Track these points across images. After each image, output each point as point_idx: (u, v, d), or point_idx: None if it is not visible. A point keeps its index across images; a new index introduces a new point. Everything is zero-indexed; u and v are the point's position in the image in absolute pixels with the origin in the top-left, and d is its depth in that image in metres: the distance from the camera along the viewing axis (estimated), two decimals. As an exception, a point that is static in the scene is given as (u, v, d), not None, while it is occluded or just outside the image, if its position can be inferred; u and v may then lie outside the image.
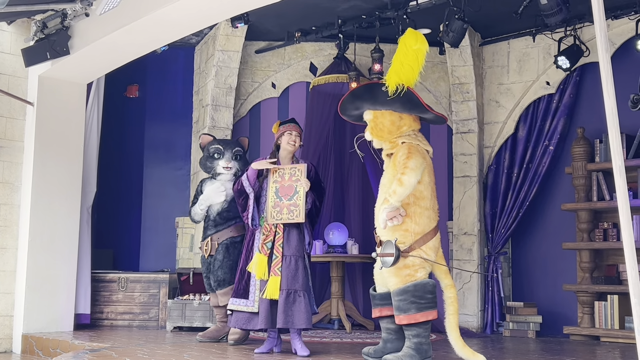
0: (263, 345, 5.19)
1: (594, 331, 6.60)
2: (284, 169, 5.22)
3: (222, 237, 5.83)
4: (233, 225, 5.86)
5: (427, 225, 4.41)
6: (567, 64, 6.81)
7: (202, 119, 7.84)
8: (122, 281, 7.32)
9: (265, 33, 7.79)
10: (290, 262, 5.05)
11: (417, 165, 4.31)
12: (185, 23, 5.78)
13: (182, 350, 5.23)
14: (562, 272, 7.10)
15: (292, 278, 5.01)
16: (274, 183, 5.21)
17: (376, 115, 4.57)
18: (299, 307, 4.95)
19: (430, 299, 4.30)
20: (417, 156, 4.36)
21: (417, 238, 4.36)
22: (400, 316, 4.31)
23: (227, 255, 5.77)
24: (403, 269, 4.32)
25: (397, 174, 4.33)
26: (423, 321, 4.29)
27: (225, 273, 5.72)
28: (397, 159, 4.40)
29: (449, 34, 6.44)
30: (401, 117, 4.54)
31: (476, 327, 7.21)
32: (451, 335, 4.35)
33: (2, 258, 6.76)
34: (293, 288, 4.99)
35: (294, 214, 5.08)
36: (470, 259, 7.36)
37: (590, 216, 6.81)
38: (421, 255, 4.34)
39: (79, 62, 6.55)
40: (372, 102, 4.56)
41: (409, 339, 4.32)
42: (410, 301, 4.26)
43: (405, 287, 4.29)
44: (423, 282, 4.31)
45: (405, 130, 4.54)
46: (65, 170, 6.96)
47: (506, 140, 7.50)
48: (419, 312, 4.26)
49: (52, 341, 6.20)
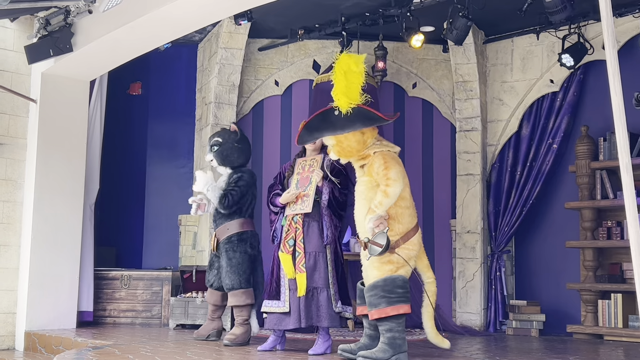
0: (266, 342, 5.17)
1: (597, 330, 6.58)
2: (306, 160, 5.29)
3: (222, 235, 5.73)
4: (230, 222, 5.71)
5: (409, 223, 4.52)
6: (571, 62, 6.79)
7: (205, 117, 7.83)
8: (125, 279, 7.32)
9: (269, 31, 7.77)
10: (310, 259, 5.01)
11: (398, 174, 4.45)
12: (188, 20, 5.77)
13: (184, 347, 5.22)
14: (565, 271, 7.09)
15: (312, 275, 4.98)
16: (297, 175, 5.25)
17: (339, 139, 4.62)
18: (317, 305, 4.93)
19: (401, 294, 4.36)
20: (394, 165, 4.50)
21: (402, 236, 4.46)
22: (372, 311, 4.38)
23: (228, 262, 5.64)
24: (387, 264, 4.39)
25: (377, 183, 4.45)
26: (394, 315, 4.33)
27: (232, 280, 5.61)
28: (373, 169, 4.50)
29: (452, 32, 6.42)
30: (363, 132, 4.61)
31: (479, 325, 7.20)
32: (426, 325, 4.57)
33: (4, 255, 6.76)
34: (312, 285, 4.96)
35: (305, 204, 5.08)
36: (474, 258, 7.34)
37: (593, 214, 6.79)
38: (408, 254, 4.42)
39: (82, 59, 6.55)
40: (332, 130, 4.61)
41: (383, 334, 4.38)
42: (380, 295, 4.34)
43: (375, 283, 4.38)
44: (393, 276, 4.38)
45: (370, 142, 4.63)
46: (68, 167, 6.95)
47: (510, 138, 7.48)
48: (390, 306, 4.32)
49: (54, 338, 6.20)
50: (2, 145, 6.81)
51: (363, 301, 4.58)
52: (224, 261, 5.66)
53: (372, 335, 4.60)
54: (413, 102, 7.84)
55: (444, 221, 7.70)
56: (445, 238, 7.67)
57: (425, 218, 7.64)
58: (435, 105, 7.88)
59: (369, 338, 4.61)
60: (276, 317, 5.06)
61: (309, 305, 4.94)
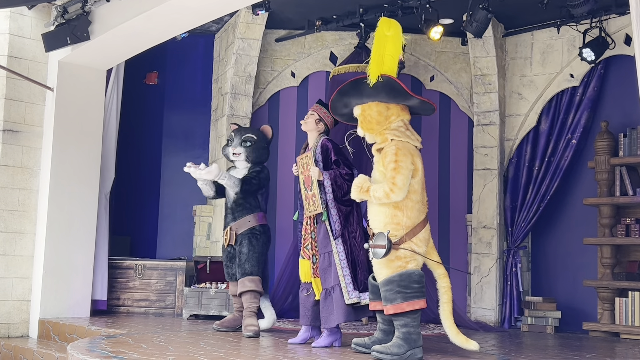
0: (297, 336, 5.17)
1: (614, 328, 6.52)
2: (302, 159, 5.16)
3: (241, 228, 5.76)
4: (251, 215, 5.79)
5: (417, 218, 4.44)
6: (592, 57, 6.70)
7: (220, 107, 7.81)
8: (139, 268, 7.33)
9: (286, 21, 7.73)
10: (324, 260, 4.98)
11: (405, 182, 4.35)
12: (205, 10, 5.74)
13: (198, 338, 5.22)
14: (582, 268, 7.01)
15: (324, 276, 4.96)
16: (301, 175, 5.17)
17: (364, 108, 4.61)
18: (329, 305, 4.89)
19: (416, 289, 4.32)
20: (404, 167, 4.37)
21: (408, 231, 4.39)
22: (388, 306, 4.34)
23: (251, 248, 5.69)
24: (395, 260, 4.34)
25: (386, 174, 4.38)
26: (409, 310, 4.29)
27: (252, 266, 5.65)
28: (385, 161, 4.44)
29: (472, 24, 6.36)
30: (388, 107, 4.57)
31: (494, 321, 7.15)
32: (445, 323, 4.46)
33: (20, 243, 6.78)
34: (325, 287, 4.95)
35: (315, 205, 5.02)
36: (489, 253, 7.28)
37: (612, 211, 6.71)
38: (412, 248, 4.36)
39: (99, 47, 6.55)
40: (359, 96, 4.62)
41: (398, 329, 4.34)
42: (396, 291, 4.29)
43: (391, 277, 4.33)
44: (408, 271, 4.33)
45: (394, 120, 4.56)
46: (84, 156, 6.96)
47: (528, 133, 7.41)
48: (405, 301, 4.29)
49: (68, 326, 6.21)
50: (18, 132, 6.82)
51: (375, 296, 4.54)
52: (246, 248, 5.69)
53: (386, 330, 4.57)
54: (430, 95, 7.77)
55: (459, 216, 7.64)
56: (461, 233, 7.61)
57: (440, 212, 7.59)
58: (453, 99, 7.81)
59: (383, 332, 4.58)
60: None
61: (324, 306, 4.90)
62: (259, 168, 5.85)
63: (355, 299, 4.83)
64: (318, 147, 5.13)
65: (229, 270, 5.87)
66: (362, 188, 4.44)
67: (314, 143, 5.21)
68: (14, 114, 6.80)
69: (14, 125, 6.80)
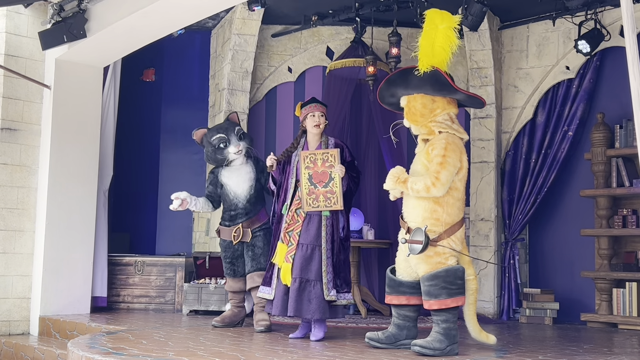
0: (297, 330, 5.20)
1: (611, 318, 6.55)
2: (316, 154, 5.09)
3: (253, 225, 5.76)
4: (262, 211, 5.84)
5: (456, 216, 4.40)
6: (588, 49, 6.71)
7: (218, 103, 7.82)
8: (139, 265, 7.35)
9: (282, 17, 7.74)
10: (306, 251, 4.99)
11: (448, 179, 4.30)
12: (201, 6, 5.75)
13: (198, 333, 5.24)
14: (580, 259, 7.04)
15: (305, 267, 4.96)
16: (307, 169, 5.09)
17: (409, 99, 4.57)
18: (309, 297, 4.91)
19: (460, 285, 4.32)
20: (451, 163, 4.32)
21: (447, 228, 4.35)
22: (431, 301, 4.29)
23: (266, 242, 5.71)
24: (434, 256, 4.30)
25: (430, 167, 4.32)
26: (453, 307, 4.30)
27: (265, 260, 5.62)
28: (432, 153, 4.37)
29: (467, 17, 6.36)
30: (434, 99, 4.51)
31: (492, 313, 7.18)
32: (470, 324, 4.52)
33: (19, 241, 6.80)
34: (305, 277, 4.94)
35: (332, 202, 5.01)
36: (487, 245, 7.31)
37: (609, 202, 6.74)
38: (450, 246, 4.33)
39: (96, 45, 6.55)
40: (405, 87, 4.57)
41: (438, 324, 4.30)
42: (442, 287, 4.26)
43: (437, 273, 4.28)
44: (454, 267, 4.31)
45: (439, 113, 4.50)
46: (82, 153, 6.97)
47: (524, 125, 7.42)
48: (450, 297, 4.27)
49: (69, 323, 6.24)
50: (16, 131, 6.84)
51: (393, 290, 4.53)
52: (261, 242, 5.72)
53: (401, 325, 4.55)
54: (427, 89, 7.77)
55: (458, 209, 7.65)
56: (459, 226, 7.62)
57: (438, 205, 7.60)
58: (450, 92, 7.81)
59: (397, 327, 4.55)
60: (267, 303, 5.20)
61: (300, 296, 4.92)
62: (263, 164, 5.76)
63: (333, 296, 4.91)
64: (331, 145, 5.17)
65: (234, 267, 5.83)
66: (399, 178, 4.39)
67: (319, 141, 5.25)
68: (11, 112, 6.81)
69: (12, 123, 6.82)
